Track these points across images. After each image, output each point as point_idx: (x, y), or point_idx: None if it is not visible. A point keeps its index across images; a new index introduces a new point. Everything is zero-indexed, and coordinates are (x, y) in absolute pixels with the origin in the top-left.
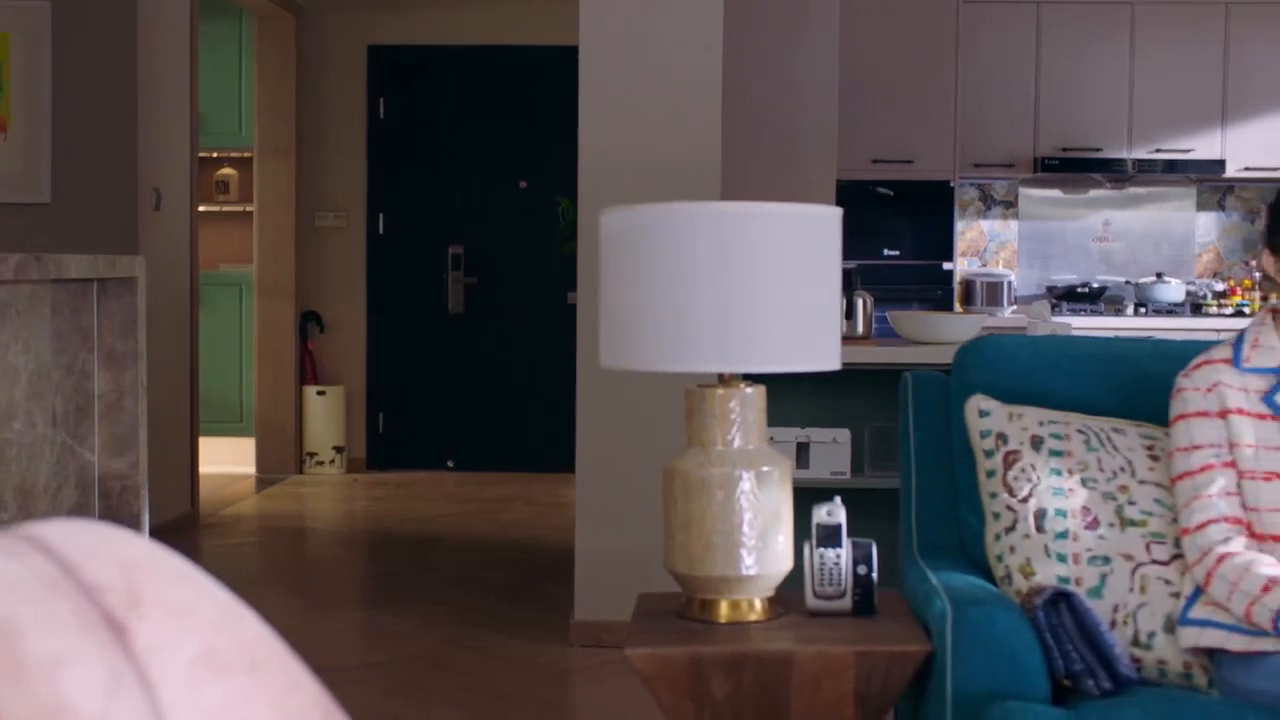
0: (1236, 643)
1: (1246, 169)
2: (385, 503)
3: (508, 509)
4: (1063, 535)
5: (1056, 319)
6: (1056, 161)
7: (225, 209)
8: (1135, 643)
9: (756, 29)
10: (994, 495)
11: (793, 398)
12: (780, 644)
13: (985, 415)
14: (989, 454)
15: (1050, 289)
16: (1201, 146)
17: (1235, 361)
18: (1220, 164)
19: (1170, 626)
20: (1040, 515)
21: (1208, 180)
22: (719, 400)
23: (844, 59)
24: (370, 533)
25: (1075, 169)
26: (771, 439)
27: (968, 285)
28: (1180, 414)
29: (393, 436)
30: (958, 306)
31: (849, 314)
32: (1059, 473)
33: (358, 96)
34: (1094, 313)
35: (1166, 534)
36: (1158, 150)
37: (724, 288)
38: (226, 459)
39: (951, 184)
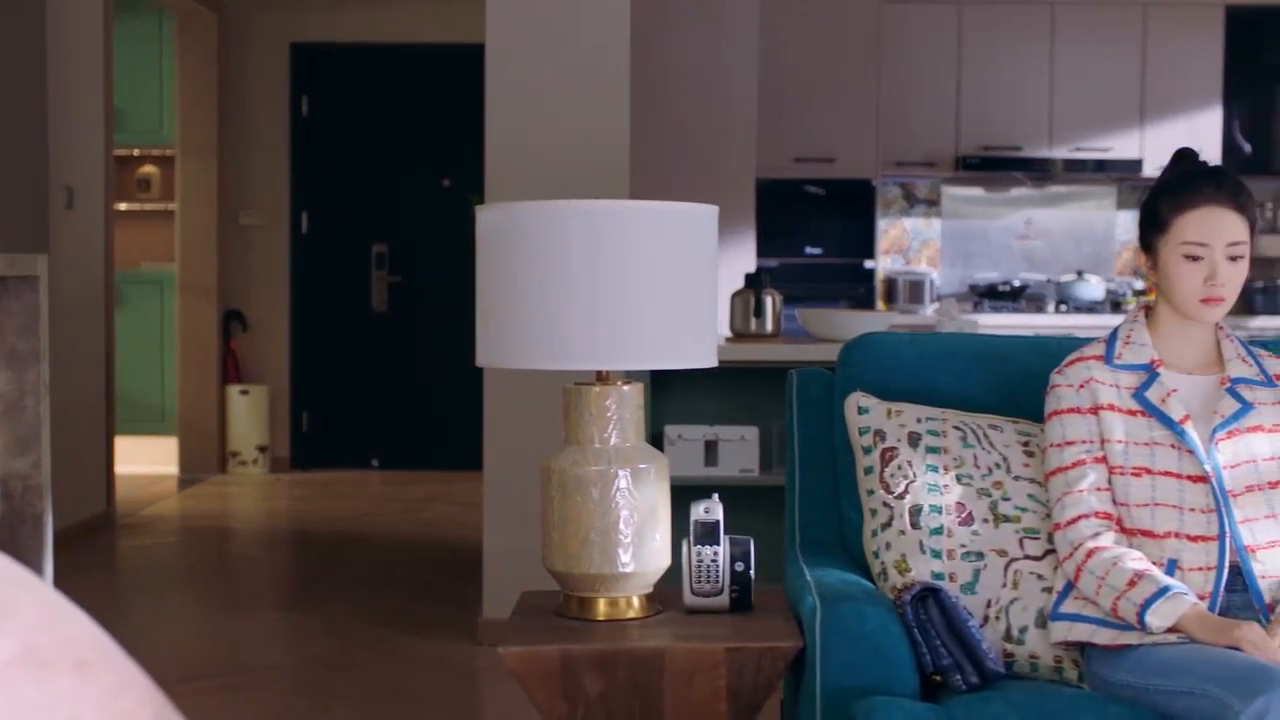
0: (1103, 636)
1: (1164, 168)
2: (307, 502)
3: (429, 508)
4: (937, 531)
5: (978, 317)
6: (977, 160)
7: (147, 207)
8: (1007, 637)
9: (676, 29)
10: (871, 492)
11: (702, 396)
12: (651, 641)
13: (864, 412)
14: (867, 451)
15: (973, 287)
16: (1120, 145)
17: (1108, 358)
18: (1138, 163)
19: (1042, 621)
20: (915, 511)
21: (1127, 179)
22: (595, 398)
23: (766, 58)
24: (290, 532)
25: (996, 168)
26: (680, 437)
27: (890, 283)
28: (1054, 410)
29: (317, 436)
30: (880, 305)
31: (758, 312)
32: (935, 469)
33: (280, 94)
34: (1015, 310)
35: (1040, 529)
36: (1077, 149)
37: (597, 286)
38: (148, 459)
39: (873, 182)
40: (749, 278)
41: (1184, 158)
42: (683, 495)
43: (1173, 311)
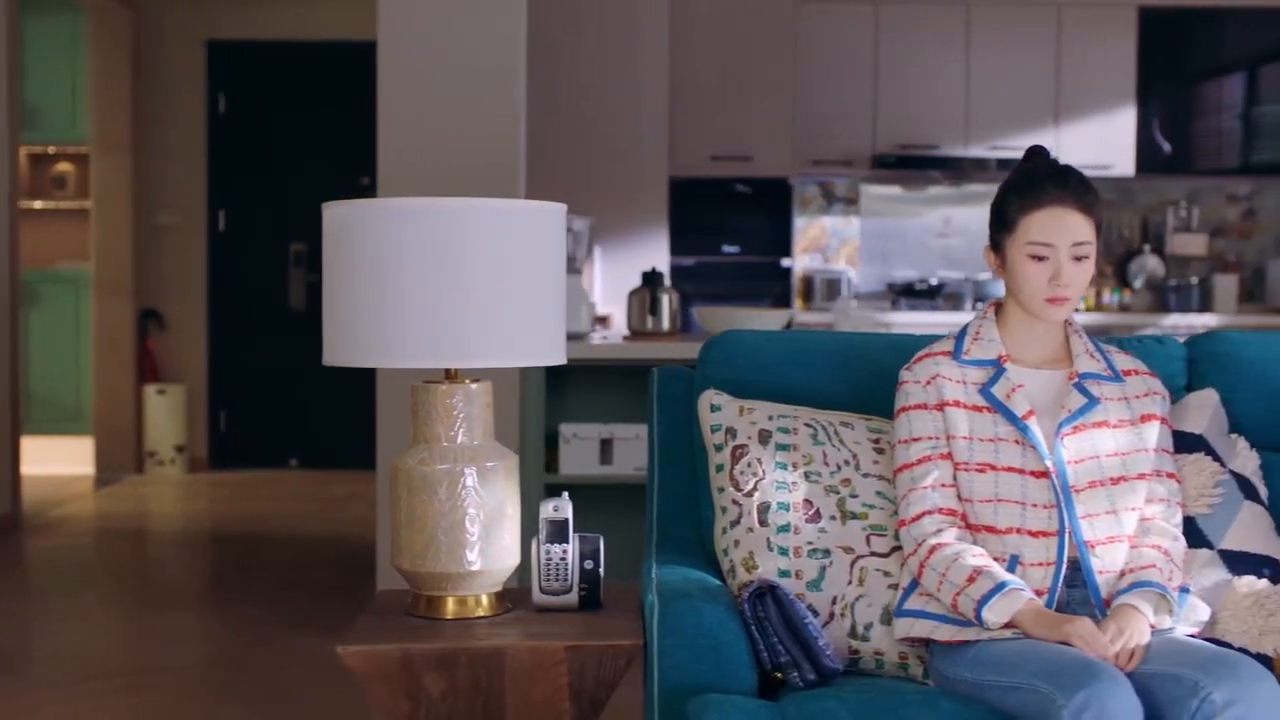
0: (944, 633)
1: (1078, 166)
2: (224, 502)
3: (346, 507)
4: (784, 529)
5: (895, 315)
6: (894, 159)
7: (63, 205)
8: (853, 634)
9: (587, 28)
10: (721, 490)
11: (597, 394)
12: (492, 640)
13: (716, 410)
14: (718, 448)
15: (890, 285)
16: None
17: (956, 354)
18: None
19: (887, 618)
20: (764, 509)
21: None
22: (441, 396)
23: (681, 57)
24: (203, 533)
25: (912, 166)
26: (575, 435)
27: (808, 282)
28: (901, 407)
29: (235, 435)
30: (798, 303)
31: (654, 310)
32: (784, 466)
33: (197, 92)
34: (933, 309)
35: (887, 526)
36: (993, 148)
37: (439, 284)
38: (64, 459)
39: (790, 181)
40: (645, 276)
41: (1034, 156)
42: (578, 494)
43: (1022, 310)
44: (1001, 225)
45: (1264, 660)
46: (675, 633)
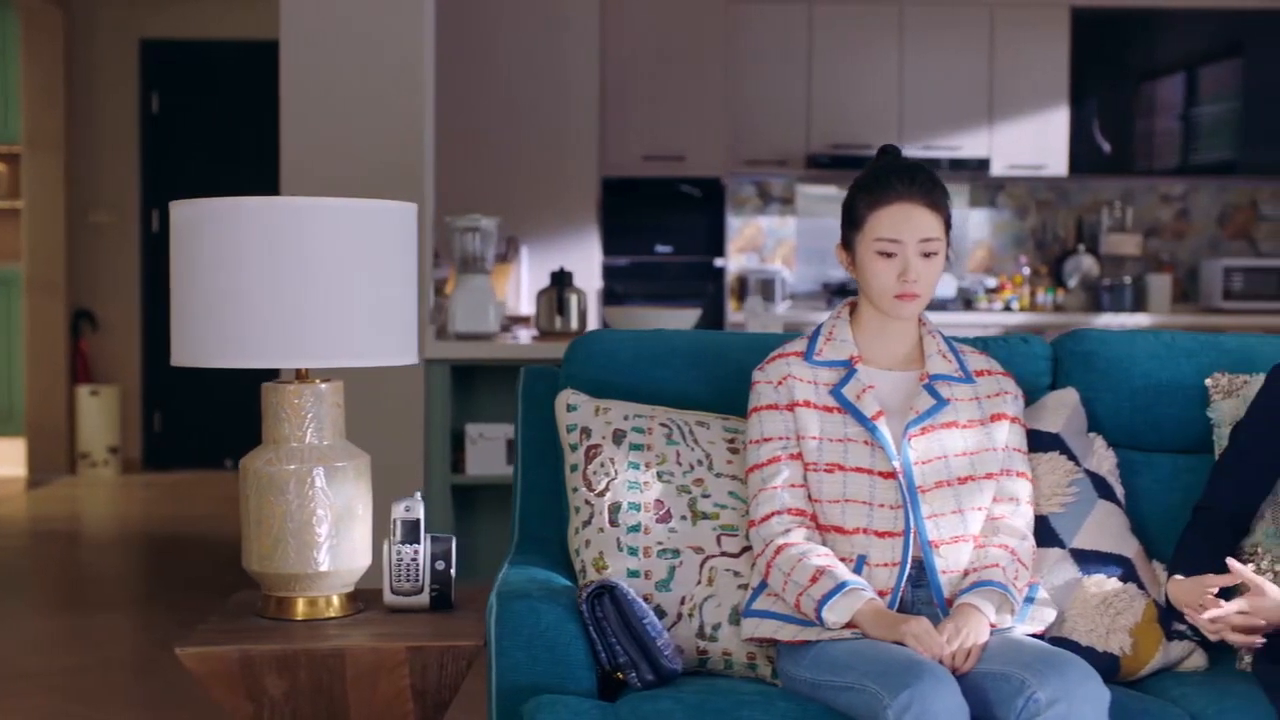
0: (787, 633)
1: (1011, 166)
2: (155, 504)
3: None
4: (635, 529)
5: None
6: (827, 159)
7: None
8: (701, 634)
9: (514, 28)
10: (575, 489)
11: (505, 394)
12: (333, 641)
13: (572, 410)
14: (573, 448)
15: (826, 285)
16: (969, 144)
17: (808, 355)
18: (986, 162)
19: (736, 618)
20: (614, 509)
21: (979, 179)
22: (289, 396)
23: (613, 56)
24: (130, 534)
25: (846, 166)
26: (481, 435)
27: (742, 281)
28: (753, 407)
29: (170, 436)
30: (730, 303)
31: (562, 310)
32: (637, 466)
33: (130, 91)
34: None
35: (739, 526)
36: (927, 148)
37: (280, 283)
38: None
39: (723, 180)
40: (554, 276)
41: (885, 155)
42: (484, 493)
43: (874, 309)
44: (851, 223)
45: (1111, 659)
46: (512, 633)
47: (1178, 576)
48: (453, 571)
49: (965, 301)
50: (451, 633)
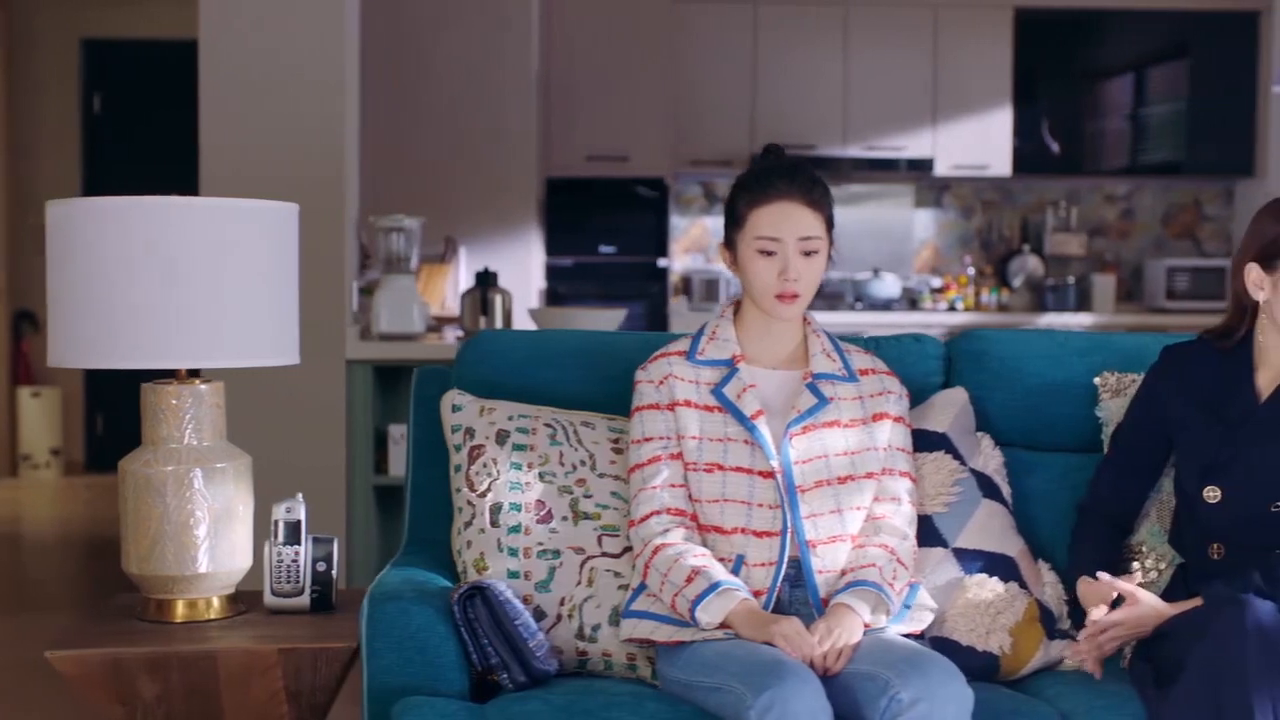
0: (663, 633)
1: (955, 167)
2: (95, 506)
3: None
4: (515, 529)
5: None
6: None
7: None
8: (580, 635)
9: (453, 29)
10: (459, 490)
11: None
12: (204, 644)
13: (457, 410)
14: (457, 449)
15: None
16: (913, 145)
17: (690, 354)
18: (930, 162)
19: (616, 619)
20: (496, 510)
21: (924, 179)
22: (167, 397)
23: (557, 56)
24: (70, 536)
25: None
26: (404, 436)
27: (686, 281)
28: (635, 406)
29: (112, 438)
30: (673, 302)
31: (486, 310)
32: (519, 467)
33: (71, 91)
34: (812, 308)
35: (620, 527)
36: (871, 148)
37: (153, 283)
38: None
39: (667, 180)
40: (479, 276)
41: (768, 154)
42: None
43: (757, 308)
44: (732, 221)
45: (991, 659)
46: (384, 635)
47: (1086, 578)
48: (335, 573)
49: (910, 301)
50: (327, 634)
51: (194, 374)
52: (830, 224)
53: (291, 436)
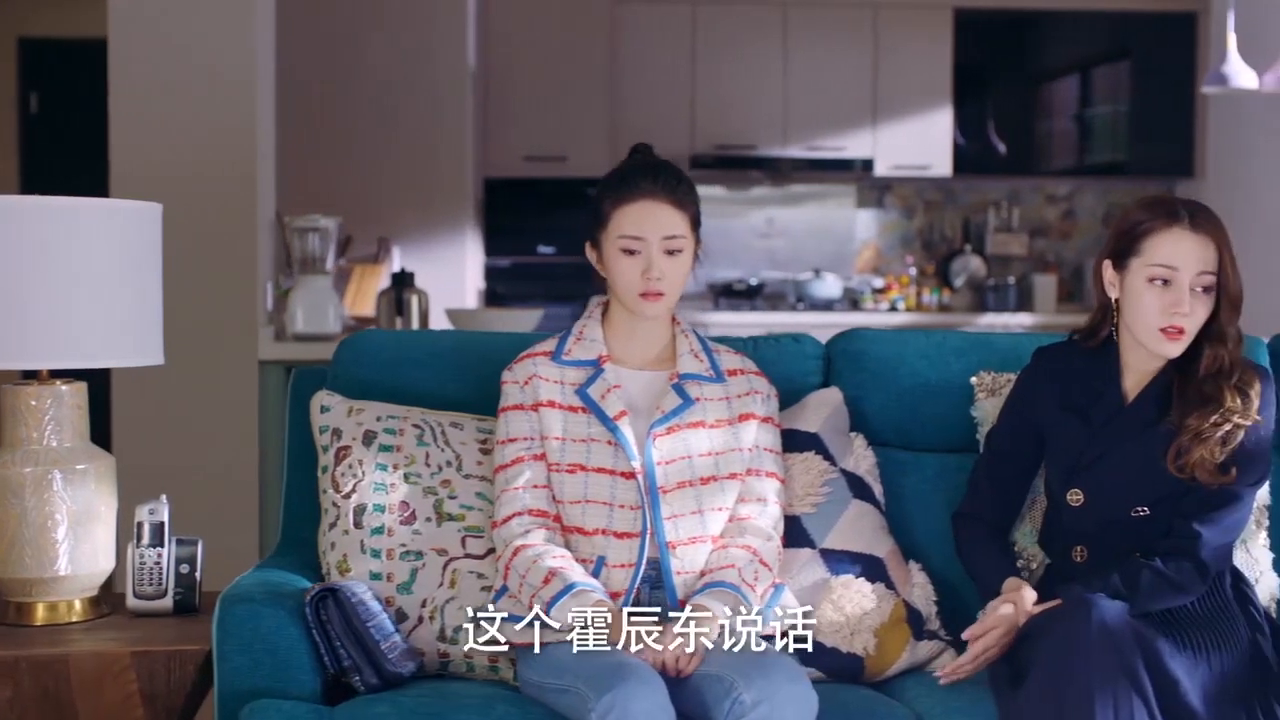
0: (511, 633)
1: (896, 167)
2: None
3: None
4: (378, 531)
5: (715, 315)
6: (711, 159)
7: None
8: (442, 637)
9: (384, 28)
10: (325, 491)
11: None
12: (54, 647)
13: (325, 411)
14: (325, 450)
15: (711, 285)
16: (854, 145)
17: (556, 355)
18: (870, 163)
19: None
20: (360, 511)
21: (865, 179)
22: (25, 398)
23: (494, 56)
24: None
25: (730, 166)
26: None
27: None
28: (501, 407)
29: None
30: None
31: (401, 310)
32: (385, 468)
33: (7, 91)
34: (754, 309)
35: (485, 528)
36: (811, 148)
37: (10, 283)
38: None
39: None
40: (394, 277)
41: (635, 153)
42: None
43: (624, 308)
44: (597, 221)
45: (855, 660)
46: (234, 637)
47: (1006, 600)
48: (198, 574)
49: (852, 302)
50: (185, 637)
51: (57, 375)
52: (696, 223)
53: (202, 437)
